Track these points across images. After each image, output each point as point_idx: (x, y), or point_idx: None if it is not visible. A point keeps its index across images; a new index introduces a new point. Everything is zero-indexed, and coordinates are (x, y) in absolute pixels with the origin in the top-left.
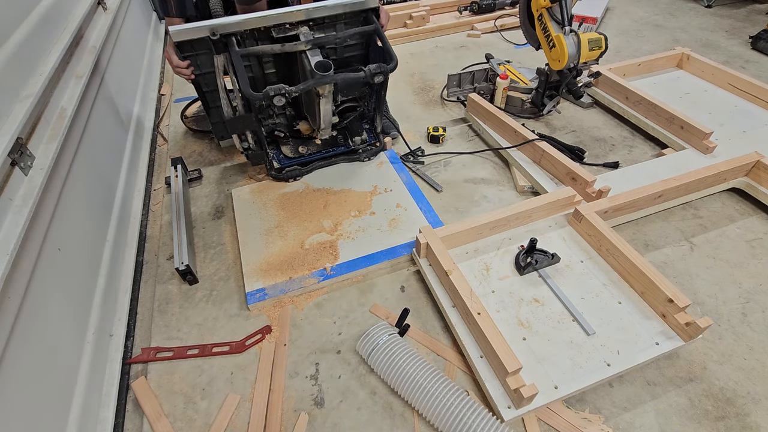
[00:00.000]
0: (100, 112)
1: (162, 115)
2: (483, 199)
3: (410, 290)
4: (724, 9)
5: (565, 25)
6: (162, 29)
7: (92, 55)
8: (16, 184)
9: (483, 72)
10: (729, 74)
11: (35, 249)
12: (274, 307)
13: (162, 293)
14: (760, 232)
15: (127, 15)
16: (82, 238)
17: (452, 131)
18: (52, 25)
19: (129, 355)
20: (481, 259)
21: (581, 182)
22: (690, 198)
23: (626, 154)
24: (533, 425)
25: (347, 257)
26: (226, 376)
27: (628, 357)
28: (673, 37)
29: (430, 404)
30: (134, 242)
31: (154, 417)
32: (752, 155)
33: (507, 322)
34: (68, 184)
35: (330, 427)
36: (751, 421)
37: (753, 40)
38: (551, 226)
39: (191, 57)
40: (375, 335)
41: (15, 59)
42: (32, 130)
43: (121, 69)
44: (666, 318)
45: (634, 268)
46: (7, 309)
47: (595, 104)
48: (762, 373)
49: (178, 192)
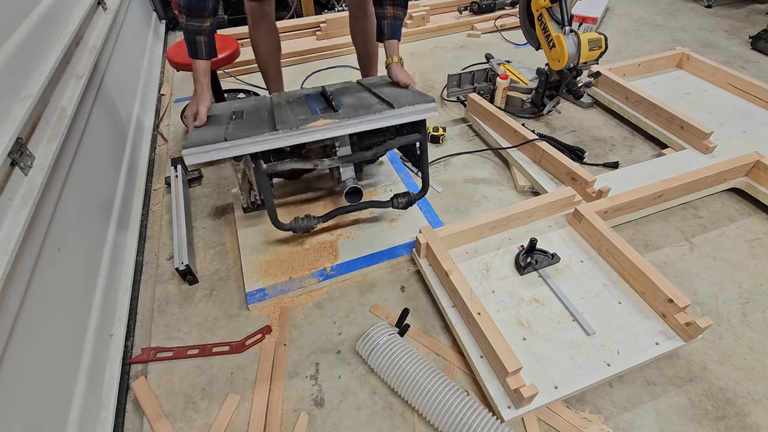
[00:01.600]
0: (100, 112)
1: (162, 115)
2: (483, 199)
3: (410, 290)
4: (724, 9)
5: (565, 25)
6: (162, 29)
7: (92, 55)
8: (16, 184)
9: (483, 72)
10: (729, 74)
11: (35, 249)
12: (274, 307)
13: (162, 293)
14: (760, 232)
15: (127, 15)
16: (82, 238)
17: (452, 131)
18: (52, 25)
19: (129, 355)
20: (481, 259)
21: (581, 182)
22: (690, 198)
23: (626, 154)
24: (533, 425)
25: (347, 257)
26: (226, 376)
27: (628, 357)
28: (673, 37)
29: (430, 404)
30: (134, 242)
31: (154, 417)
32: (752, 155)
33: (507, 322)
34: (68, 184)
35: (330, 427)
36: (751, 421)
37: (753, 40)
38: (551, 226)
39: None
40: (375, 335)
41: (15, 59)
42: (32, 130)
43: (121, 69)
44: (666, 318)
45: (634, 268)
46: (7, 309)
47: (595, 104)
48: (762, 373)
49: (178, 192)
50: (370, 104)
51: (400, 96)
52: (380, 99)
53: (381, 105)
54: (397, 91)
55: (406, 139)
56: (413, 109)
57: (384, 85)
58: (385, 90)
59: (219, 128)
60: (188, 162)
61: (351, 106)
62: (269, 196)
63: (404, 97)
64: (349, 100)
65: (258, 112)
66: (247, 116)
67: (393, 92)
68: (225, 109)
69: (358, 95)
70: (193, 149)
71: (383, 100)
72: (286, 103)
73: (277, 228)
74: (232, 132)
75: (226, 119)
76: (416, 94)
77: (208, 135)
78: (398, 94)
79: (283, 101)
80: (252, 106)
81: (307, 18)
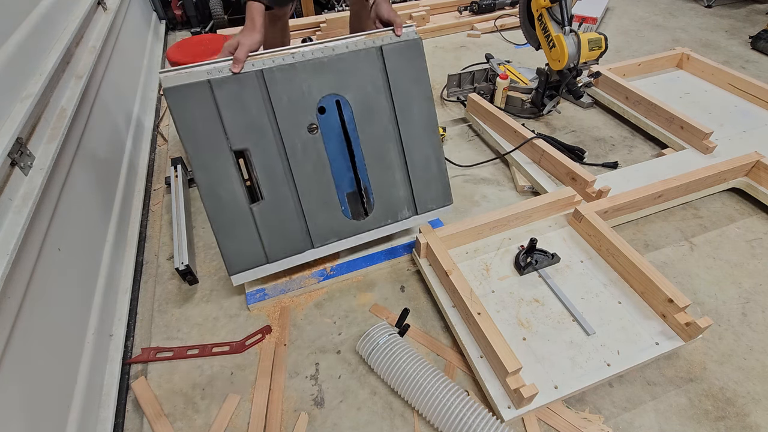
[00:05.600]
0: (100, 112)
1: (162, 115)
2: (483, 199)
3: (410, 290)
4: (724, 9)
5: (565, 25)
6: (162, 29)
7: (92, 55)
8: (16, 184)
9: (483, 72)
10: (729, 74)
11: (35, 249)
12: (274, 307)
13: (162, 293)
14: (760, 232)
15: (127, 15)
16: (82, 238)
17: (452, 131)
18: (52, 25)
19: (129, 355)
20: (481, 259)
21: (581, 182)
22: (690, 198)
23: (626, 154)
24: (533, 425)
25: (347, 257)
26: (226, 376)
27: (628, 357)
28: (673, 37)
29: (430, 404)
30: (134, 242)
31: (154, 417)
32: (752, 155)
33: (507, 322)
34: (68, 184)
35: (330, 427)
36: (751, 421)
37: (753, 40)
38: (551, 226)
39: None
40: (375, 335)
41: (15, 59)
42: (32, 130)
43: (121, 69)
44: (666, 318)
45: (634, 268)
46: (7, 309)
47: (595, 104)
48: (762, 373)
49: (178, 192)
50: (398, 200)
51: (425, 188)
52: (408, 182)
53: (408, 211)
54: (422, 149)
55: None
56: (433, 214)
57: (410, 101)
58: (411, 145)
59: (247, 228)
60: (236, 282)
61: (380, 200)
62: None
63: (429, 190)
64: (376, 173)
65: (269, 166)
66: (261, 176)
67: (420, 156)
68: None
69: (382, 147)
70: (240, 276)
71: (410, 187)
72: (300, 150)
73: None
74: (269, 243)
75: (236, 181)
76: (440, 186)
77: (245, 249)
78: (425, 176)
79: (297, 142)
80: (255, 138)
81: (307, 18)
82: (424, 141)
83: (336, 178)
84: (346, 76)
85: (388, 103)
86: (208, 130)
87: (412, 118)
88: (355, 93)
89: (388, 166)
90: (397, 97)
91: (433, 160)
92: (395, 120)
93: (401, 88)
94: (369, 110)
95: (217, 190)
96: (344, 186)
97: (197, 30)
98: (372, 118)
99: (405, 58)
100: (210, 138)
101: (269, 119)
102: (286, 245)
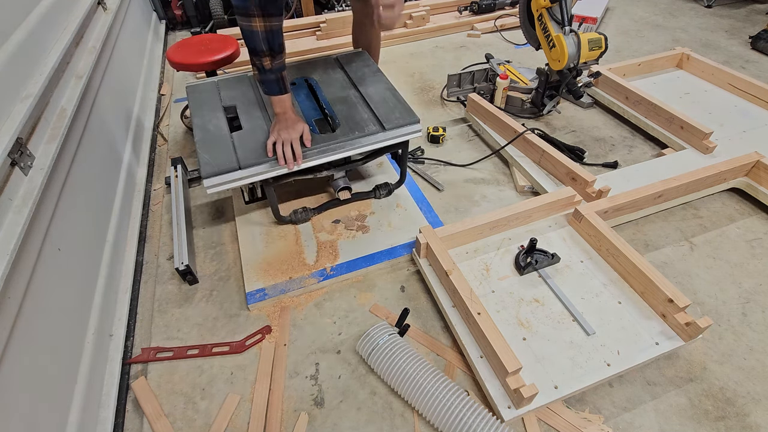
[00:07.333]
0: (100, 112)
1: (162, 115)
2: (483, 199)
3: (410, 290)
4: (724, 9)
5: (565, 25)
6: (162, 29)
7: (92, 55)
8: (16, 184)
9: (483, 72)
10: (729, 74)
11: (35, 249)
12: (274, 307)
13: (162, 293)
14: (760, 232)
15: (127, 15)
16: (82, 238)
17: (452, 131)
18: (52, 25)
19: (129, 355)
20: (481, 259)
21: (581, 182)
22: (690, 198)
23: (626, 154)
24: (533, 425)
25: (347, 257)
26: (226, 376)
27: (628, 357)
28: (673, 37)
29: (430, 404)
30: (134, 242)
31: (154, 417)
32: (752, 155)
33: (507, 322)
34: (68, 184)
35: (330, 427)
36: (751, 421)
37: (753, 40)
38: (551, 226)
39: None
40: (375, 335)
41: (15, 59)
42: (32, 130)
43: (121, 69)
44: (666, 318)
45: (634, 268)
46: (7, 309)
47: (595, 104)
48: (762, 373)
49: (178, 192)
50: (362, 119)
51: (388, 112)
52: (370, 110)
53: (374, 126)
54: (380, 92)
55: (391, 148)
56: (401, 132)
57: (364, 76)
58: (370, 91)
59: (226, 146)
60: (210, 192)
61: (345, 120)
62: (273, 200)
63: (393, 113)
64: (340, 107)
65: (251, 112)
66: (243, 117)
67: (378, 97)
68: (211, 91)
69: (345, 95)
70: (213, 180)
71: (373, 113)
72: None
73: (279, 221)
74: (243, 154)
75: (222, 120)
76: (402, 109)
77: (221, 158)
78: (386, 106)
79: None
80: (242, 101)
81: (307, 18)
82: (377, 85)
83: (304, 112)
84: (313, 68)
85: (344, 77)
86: (208, 99)
87: (365, 79)
88: (320, 76)
89: (350, 105)
90: (351, 72)
91: (389, 95)
92: (350, 80)
93: (353, 68)
94: (329, 81)
95: (207, 126)
96: (312, 115)
97: (197, 30)
98: (331, 83)
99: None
100: (209, 101)
101: (254, 92)
102: (258, 156)
